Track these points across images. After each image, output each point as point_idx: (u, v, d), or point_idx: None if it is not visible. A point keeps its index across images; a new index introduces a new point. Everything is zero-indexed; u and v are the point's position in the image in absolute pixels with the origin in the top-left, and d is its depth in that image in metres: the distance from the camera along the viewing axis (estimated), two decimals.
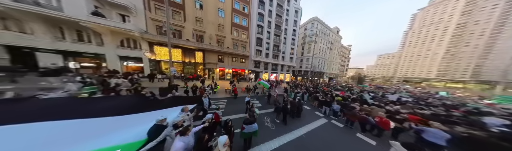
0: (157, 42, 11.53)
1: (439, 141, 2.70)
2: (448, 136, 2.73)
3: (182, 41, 12.63)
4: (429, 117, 4.34)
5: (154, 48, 11.62)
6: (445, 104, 8.50)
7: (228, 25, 16.03)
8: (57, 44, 7.94)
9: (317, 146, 3.28)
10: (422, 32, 52.66)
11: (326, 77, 32.71)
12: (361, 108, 4.93)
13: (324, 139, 3.61)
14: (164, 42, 11.58)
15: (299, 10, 24.64)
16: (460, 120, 4.26)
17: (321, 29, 28.70)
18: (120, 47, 9.99)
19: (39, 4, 7.29)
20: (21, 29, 7.31)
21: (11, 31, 7.08)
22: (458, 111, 5.97)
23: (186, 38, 13.28)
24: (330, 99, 6.45)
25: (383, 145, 3.33)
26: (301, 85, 14.50)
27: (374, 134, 3.89)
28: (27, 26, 7.33)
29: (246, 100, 5.28)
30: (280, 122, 4.46)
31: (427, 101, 9.75)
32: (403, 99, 9.28)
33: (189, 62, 13.77)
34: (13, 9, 6.48)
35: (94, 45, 9.06)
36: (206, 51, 14.58)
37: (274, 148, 3.05)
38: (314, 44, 26.99)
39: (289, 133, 3.77)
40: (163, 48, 11.99)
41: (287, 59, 22.98)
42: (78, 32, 8.68)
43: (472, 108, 7.02)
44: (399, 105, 6.15)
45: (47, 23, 7.67)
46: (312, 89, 11.57)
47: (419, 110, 5.48)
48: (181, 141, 1.80)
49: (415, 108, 5.74)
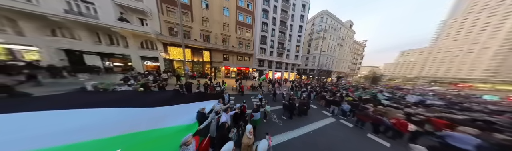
0: (170, 43, 14.23)
1: (465, 146, 2.82)
2: (478, 141, 2.81)
3: (191, 41, 15.25)
4: (460, 122, 4.35)
5: (168, 49, 14.39)
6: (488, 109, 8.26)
7: (233, 23, 18.27)
8: (97, 47, 10.92)
9: (325, 142, 3.64)
10: (467, 21, 45.86)
11: (334, 75, 33.83)
12: (375, 109, 5.19)
13: (332, 137, 3.98)
14: (176, 42, 14.32)
15: (307, 4, 25.90)
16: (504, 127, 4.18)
17: (330, 24, 29.79)
18: (140, 49, 12.87)
19: (82, 14, 10.13)
20: (72, 35, 10.27)
21: (66, 38, 10.05)
22: (503, 117, 5.82)
23: (194, 38, 15.86)
24: (340, 98, 6.98)
25: (399, 148, 3.53)
26: (306, 84, 15.55)
27: (389, 136, 4.11)
28: (75, 33, 10.27)
29: (259, 97, 6.63)
30: (286, 118, 5.12)
31: (464, 104, 9.55)
32: (428, 101, 9.39)
33: (197, 61, 16.51)
34: (65, 20, 9.33)
35: (121, 47, 11.99)
36: (212, 50, 17.14)
37: (283, 141, 3.60)
38: (322, 40, 28.32)
39: (297, 129, 4.27)
40: (175, 48, 14.74)
41: (292, 58, 24.92)
42: (109, 36, 11.58)
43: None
44: (423, 108, 6.30)
45: (89, 30, 10.58)
46: (319, 88, 12.43)
47: (449, 114, 5.56)
48: (225, 116, 3.23)
49: (444, 112, 5.81)
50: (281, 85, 14.64)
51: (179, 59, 15.19)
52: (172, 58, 14.74)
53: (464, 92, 22.60)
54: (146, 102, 2.32)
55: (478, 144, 2.85)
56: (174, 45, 14.75)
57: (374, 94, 10.54)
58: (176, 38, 14.36)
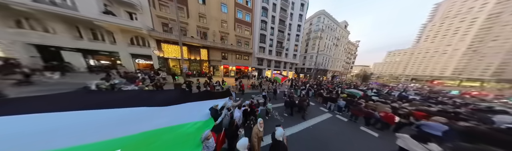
0: (164, 40, 12.19)
1: (435, 132, 3.15)
2: (446, 128, 3.15)
3: (187, 38, 13.21)
4: (434, 113, 4.64)
5: (162, 46, 12.34)
6: (455, 102, 8.94)
7: (231, 21, 16.18)
8: (77, 43, 8.82)
9: (324, 136, 3.71)
10: (444, 25, 47.89)
11: (329, 74, 32.76)
12: (366, 104, 5.35)
13: (330, 130, 4.08)
14: (171, 39, 12.24)
15: (305, 3, 23.84)
16: (467, 117, 4.57)
17: (327, 24, 27.94)
18: (130, 45, 10.80)
19: (55, 4, 7.94)
20: (45, 29, 8.12)
21: (36, 31, 7.92)
22: (466, 108, 6.52)
23: (191, 36, 13.80)
24: (336, 95, 6.95)
25: (385, 137, 3.76)
26: (304, 82, 14.69)
27: (378, 127, 4.32)
28: (49, 26, 8.12)
29: (263, 94, 6.31)
30: (288, 115, 4.98)
31: (438, 99, 10.24)
32: (410, 97, 9.82)
33: (194, 60, 14.57)
34: (33, 10, 7.19)
35: (107, 43, 9.90)
36: (210, 49, 15.18)
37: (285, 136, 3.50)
38: (319, 40, 26.64)
39: (298, 125, 4.24)
40: (170, 46, 12.69)
41: (290, 57, 23.24)
42: (92, 31, 9.44)
43: (485, 107, 7.25)
44: (406, 102, 6.64)
45: (66, 23, 8.44)
46: (316, 86, 11.95)
47: (427, 107, 5.87)
48: (238, 112, 3.21)
49: (422, 105, 6.17)
50: (280, 84, 13.27)
51: (175, 57, 13.22)
52: (166, 56, 12.75)
53: (437, 88, 23.61)
54: (158, 101, 2.04)
55: (446, 130, 3.17)
56: (169, 43, 12.71)
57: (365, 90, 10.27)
58: (171, 35, 12.30)
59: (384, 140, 3.61)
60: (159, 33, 11.73)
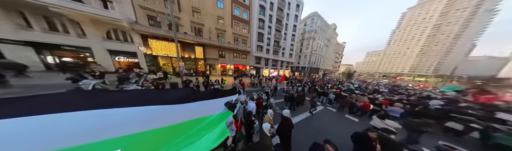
0: (152, 35, 9.54)
1: (396, 114, 3.93)
2: (402, 110, 3.98)
3: (180, 34, 10.63)
4: (395, 101, 5.53)
5: (149, 42, 9.68)
6: (409, 93, 10.86)
7: (228, 17, 13.77)
8: (22, 34, 5.95)
9: (318, 123, 3.88)
10: (406, 32, 52.57)
11: (321, 72, 32.24)
12: (350, 96, 5.82)
13: (323, 119, 4.32)
14: (160, 35, 9.62)
15: (300, 4, 21.91)
16: (415, 102, 5.66)
17: (320, 26, 26.47)
18: (107, 40, 8.03)
19: None
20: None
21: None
22: (415, 97, 8.10)
23: (184, 32, 11.24)
24: (327, 90, 7.35)
25: (363, 121, 4.19)
26: (300, 80, 14.10)
27: (358, 114, 4.77)
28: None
29: (266, 90, 6.00)
30: (287, 108, 4.77)
31: (398, 91, 11.99)
32: (381, 90, 11.24)
33: (189, 58, 12.06)
34: None
35: (73, 36, 7.07)
36: (206, 46, 12.74)
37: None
38: (312, 40, 25.20)
39: (297, 116, 4.25)
40: (159, 42, 10.06)
41: (287, 56, 21.54)
42: (46, 19, 6.54)
43: (425, 95, 9.03)
44: (378, 94, 7.70)
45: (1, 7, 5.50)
46: (310, 83, 11.76)
47: (391, 97, 7.08)
48: (252, 102, 3.13)
49: (389, 96, 7.46)
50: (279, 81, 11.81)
51: (166, 55, 10.61)
52: (156, 53, 10.15)
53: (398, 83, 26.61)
54: (171, 99, 1.58)
55: (402, 112, 3.95)
56: (158, 38, 10.05)
57: (348, 85, 11.75)
58: (160, 30, 9.67)
59: (362, 123, 4.03)
60: (145, 27, 9.03)
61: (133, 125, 1.20)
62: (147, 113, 1.29)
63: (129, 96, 1.38)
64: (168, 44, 10.53)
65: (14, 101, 0.91)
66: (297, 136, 2.50)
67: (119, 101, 1.23)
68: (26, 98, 0.95)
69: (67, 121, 0.95)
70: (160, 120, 1.37)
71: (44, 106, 0.94)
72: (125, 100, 1.28)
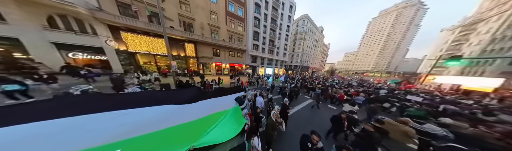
0: (126, 28, 6.79)
1: (360, 101, 4.57)
2: (363, 99, 4.77)
3: (165, 29, 8.00)
4: (361, 92, 5.99)
5: (122, 36, 6.92)
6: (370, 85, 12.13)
7: (222, 13, 11.27)
8: None
9: (308, 114, 4.03)
10: (371, 37, 58.86)
11: (310, 70, 31.85)
12: (331, 90, 6.22)
13: (311, 110, 4.42)
14: (137, 28, 6.91)
15: (293, 5, 19.91)
16: (371, 92, 6.54)
17: (310, 27, 24.94)
18: (50, 29, 5.16)
19: None
20: None
21: None
22: (373, 88, 9.39)
23: (171, 26, 8.58)
24: (314, 86, 7.46)
25: (339, 108, 4.42)
26: (292, 78, 13.59)
27: (336, 104, 5.23)
28: None
29: (267, 88, 6.13)
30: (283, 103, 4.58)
31: (364, 84, 12.90)
32: (353, 84, 12.13)
33: (177, 56, 9.44)
34: None
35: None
36: (198, 44, 10.23)
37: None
38: (303, 41, 23.71)
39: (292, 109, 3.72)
40: (137, 36, 7.33)
41: (281, 55, 19.79)
42: None
43: (378, 87, 10.45)
44: (350, 87, 8.54)
45: None
46: (301, 80, 11.50)
47: (358, 89, 7.72)
48: (260, 98, 3.22)
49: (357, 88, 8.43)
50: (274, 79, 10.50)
51: (147, 52, 7.94)
52: (133, 50, 7.43)
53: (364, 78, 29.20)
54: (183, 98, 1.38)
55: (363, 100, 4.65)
56: (135, 32, 7.30)
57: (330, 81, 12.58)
58: (137, 22, 6.94)
59: (338, 109, 4.27)
60: (114, 16, 6.20)
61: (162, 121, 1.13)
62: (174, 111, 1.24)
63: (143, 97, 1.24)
64: (149, 39, 7.85)
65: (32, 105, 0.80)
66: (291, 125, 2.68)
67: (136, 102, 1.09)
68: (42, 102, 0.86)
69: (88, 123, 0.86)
70: (185, 116, 1.32)
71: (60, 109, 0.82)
72: (142, 101, 1.15)
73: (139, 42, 7.47)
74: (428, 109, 3.72)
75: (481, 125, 2.63)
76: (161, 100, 1.22)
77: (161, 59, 8.59)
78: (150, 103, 1.13)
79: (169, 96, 1.40)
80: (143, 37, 7.57)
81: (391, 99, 4.75)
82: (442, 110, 3.92)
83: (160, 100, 1.22)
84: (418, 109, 3.67)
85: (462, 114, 3.58)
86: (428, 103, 4.52)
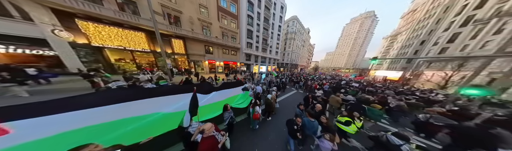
0: (85, 15, 4.55)
1: (326, 88, 5.16)
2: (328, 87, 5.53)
3: (145, 21, 5.83)
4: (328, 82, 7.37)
5: (80, 25, 4.70)
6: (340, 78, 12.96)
7: (214, 8, 9.10)
8: None
9: (292, 100, 4.38)
10: (344, 40, 63.47)
11: (299, 68, 31.55)
12: (310, 82, 6.44)
13: (294, 97, 4.88)
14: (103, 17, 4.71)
15: (284, 6, 17.92)
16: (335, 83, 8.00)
17: (298, 28, 23.39)
18: None
19: None
20: None
21: None
22: (338, 80, 10.01)
23: (150, 17, 6.37)
24: (299, 79, 7.84)
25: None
26: (283, 74, 13.67)
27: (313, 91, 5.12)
28: None
29: (262, 81, 6.28)
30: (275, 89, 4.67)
31: (336, 78, 14.20)
32: (327, 78, 13.40)
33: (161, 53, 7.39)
34: None
35: None
36: (188, 40, 8.19)
37: None
38: (293, 41, 22.30)
39: (280, 97, 4.68)
40: (104, 27, 5.13)
41: (273, 53, 18.31)
42: None
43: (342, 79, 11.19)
44: (324, 80, 9.35)
45: None
46: (291, 76, 11.55)
47: (329, 81, 8.87)
48: (260, 87, 3.93)
49: (329, 80, 9.44)
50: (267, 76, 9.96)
51: (122, 47, 5.67)
52: (99, 44, 5.17)
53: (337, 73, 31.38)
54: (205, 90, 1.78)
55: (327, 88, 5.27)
56: (100, 21, 5.07)
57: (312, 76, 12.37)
58: (101, 9, 4.73)
59: None
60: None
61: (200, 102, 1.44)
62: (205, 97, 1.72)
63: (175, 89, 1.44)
64: (123, 32, 5.69)
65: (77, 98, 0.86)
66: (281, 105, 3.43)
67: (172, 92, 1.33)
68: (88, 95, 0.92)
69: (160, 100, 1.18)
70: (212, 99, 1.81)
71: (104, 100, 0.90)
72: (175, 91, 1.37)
73: (108, 35, 5.31)
74: (357, 90, 5.77)
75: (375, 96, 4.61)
76: (188, 90, 1.43)
77: (141, 56, 6.53)
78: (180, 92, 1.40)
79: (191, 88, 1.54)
80: (114, 29, 5.40)
81: (344, 86, 6.19)
82: (365, 90, 6.01)
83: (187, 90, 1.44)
84: (353, 90, 5.52)
85: (371, 91, 5.87)
86: (360, 87, 6.80)
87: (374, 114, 2.37)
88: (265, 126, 2.36)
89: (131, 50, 5.98)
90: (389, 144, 1.34)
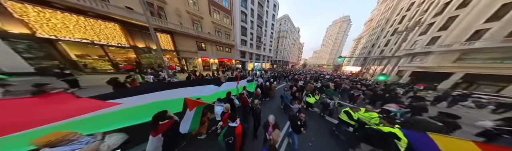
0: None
1: (308, 79, 6.78)
2: (308, 78, 7.32)
3: (115, 9, 4.51)
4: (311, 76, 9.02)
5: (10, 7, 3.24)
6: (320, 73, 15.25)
7: (204, 0, 7.92)
8: None
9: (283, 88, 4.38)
10: (328, 40, 68.21)
11: (290, 65, 32.12)
12: (297, 76, 7.79)
13: (284, 86, 5.08)
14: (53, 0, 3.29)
15: (277, 4, 17.28)
16: (316, 76, 9.51)
17: (289, 27, 23.08)
18: None
19: None
20: None
21: None
22: (319, 74, 11.70)
23: (126, 6, 5.01)
24: (288, 74, 9.21)
25: None
26: (276, 71, 14.08)
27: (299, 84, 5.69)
28: None
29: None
30: None
31: (318, 73, 15.78)
32: (312, 72, 15.23)
33: (146, 49, 6.10)
34: None
35: None
36: (176, 35, 6.98)
37: None
38: (285, 39, 22.16)
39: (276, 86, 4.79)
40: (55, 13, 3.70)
41: (267, 51, 17.84)
42: None
43: (324, 75, 11.92)
44: (308, 75, 10.63)
45: None
46: (283, 72, 11.74)
47: (312, 75, 10.30)
48: (261, 79, 5.12)
49: (312, 75, 10.80)
50: None
51: (85, 40, 4.37)
52: (50, 35, 3.79)
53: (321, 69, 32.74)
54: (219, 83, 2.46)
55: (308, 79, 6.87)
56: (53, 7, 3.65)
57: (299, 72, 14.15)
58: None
59: None
60: None
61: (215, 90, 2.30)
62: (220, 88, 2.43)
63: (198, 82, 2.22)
64: (87, 22, 4.31)
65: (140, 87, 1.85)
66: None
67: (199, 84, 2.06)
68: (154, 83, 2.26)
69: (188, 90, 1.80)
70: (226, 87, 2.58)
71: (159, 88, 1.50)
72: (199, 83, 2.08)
73: (63, 24, 3.93)
74: (327, 80, 7.12)
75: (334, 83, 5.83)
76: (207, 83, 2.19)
77: (116, 51, 5.20)
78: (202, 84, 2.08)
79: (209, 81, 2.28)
80: (71, 16, 4.01)
81: (320, 78, 8.01)
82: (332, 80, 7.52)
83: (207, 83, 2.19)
84: (325, 81, 6.80)
85: (334, 80, 7.34)
86: (331, 78, 8.79)
87: (330, 93, 3.94)
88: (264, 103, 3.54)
89: (101, 45, 4.67)
90: (325, 103, 2.65)
